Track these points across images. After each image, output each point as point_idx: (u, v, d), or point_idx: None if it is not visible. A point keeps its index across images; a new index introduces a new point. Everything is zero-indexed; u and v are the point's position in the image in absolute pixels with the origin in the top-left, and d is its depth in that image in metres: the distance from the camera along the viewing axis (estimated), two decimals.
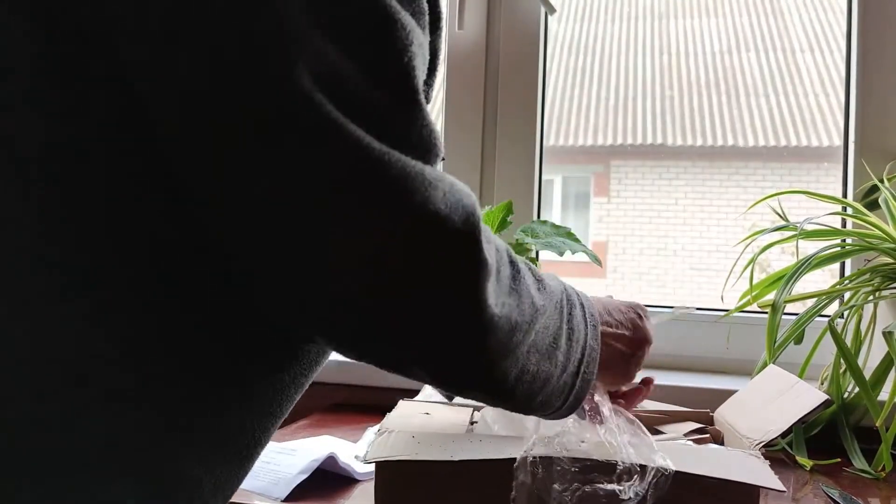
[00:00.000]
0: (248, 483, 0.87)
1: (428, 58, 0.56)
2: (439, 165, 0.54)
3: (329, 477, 0.90)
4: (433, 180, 0.50)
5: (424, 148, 0.52)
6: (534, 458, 0.68)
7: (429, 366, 0.57)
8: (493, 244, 0.56)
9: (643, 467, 0.67)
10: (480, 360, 0.56)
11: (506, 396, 0.62)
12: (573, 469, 0.68)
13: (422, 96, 0.52)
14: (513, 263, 0.60)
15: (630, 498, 0.66)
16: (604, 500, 0.66)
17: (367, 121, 0.48)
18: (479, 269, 0.52)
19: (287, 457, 0.92)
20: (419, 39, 0.52)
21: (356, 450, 0.96)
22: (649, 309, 0.78)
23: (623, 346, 0.73)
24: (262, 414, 0.58)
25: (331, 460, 0.90)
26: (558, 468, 0.68)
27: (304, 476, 0.87)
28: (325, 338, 0.55)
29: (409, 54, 0.50)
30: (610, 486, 0.67)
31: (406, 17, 0.51)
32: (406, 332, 0.53)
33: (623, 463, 0.67)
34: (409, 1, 0.52)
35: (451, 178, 0.53)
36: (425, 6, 0.54)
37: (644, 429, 0.74)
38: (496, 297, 0.55)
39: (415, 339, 0.54)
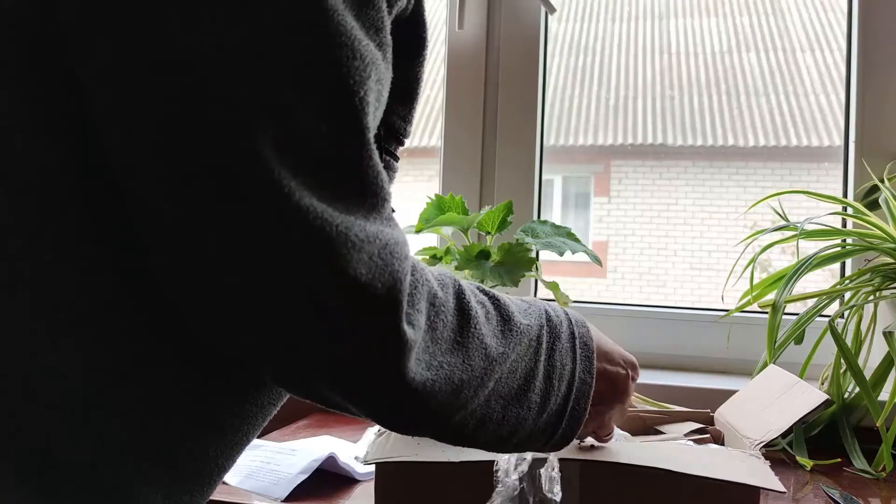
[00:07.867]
0: (248, 483, 0.87)
1: (386, 94, 0.53)
2: (387, 209, 0.50)
3: (329, 477, 0.90)
4: (358, 241, 0.46)
5: (368, 191, 0.48)
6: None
7: (376, 420, 0.55)
8: (430, 300, 0.52)
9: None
10: (422, 420, 0.54)
11: (468, 443, 0.59)
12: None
13: (370, 135, 0.48)
14: (462, 311, 0.55)
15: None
16: None
17: (304, 159, 0.45)
18: (394, 344, 0.49)
19: (287, 457, 0.92)
20: (378, 73, 0.49)
21: (356, 450, 0.96)
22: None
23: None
24: (227, 444, 0.56)
25: (331, 460, 0.90)
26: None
27: (304, 476, 0.87)
28: (275, 380, 0.54)
29: (365, 89, 0.47)
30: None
31: (367, 49, 0.48)
32: (336, 392, 0.51)
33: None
34: (376, 31, 0.49)
35: (388, 238, 0.49)
36: (389, 39, 0.51)
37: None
38: (429, 361, 0.51)
39: (348, 400, 0.52)
